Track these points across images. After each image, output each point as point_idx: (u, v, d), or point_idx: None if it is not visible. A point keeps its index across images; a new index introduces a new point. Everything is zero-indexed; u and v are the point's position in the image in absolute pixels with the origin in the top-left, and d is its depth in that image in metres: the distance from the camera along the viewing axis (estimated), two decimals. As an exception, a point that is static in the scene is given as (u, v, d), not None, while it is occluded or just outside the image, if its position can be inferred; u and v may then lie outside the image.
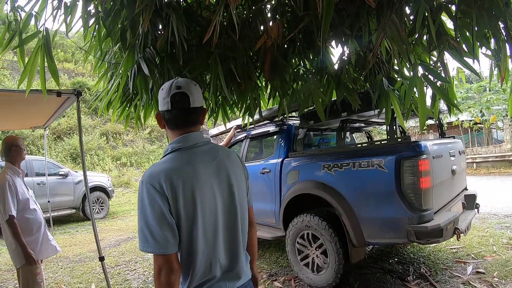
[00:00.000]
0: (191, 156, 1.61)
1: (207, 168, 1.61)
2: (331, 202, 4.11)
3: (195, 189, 1.51)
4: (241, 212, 1.70)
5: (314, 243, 4.45)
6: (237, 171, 1.75)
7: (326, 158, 4.42)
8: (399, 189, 3.52)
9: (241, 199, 1.72)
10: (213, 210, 1.57)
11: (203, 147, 1.68)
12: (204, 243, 1.54)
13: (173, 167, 1.53)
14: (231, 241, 1.65)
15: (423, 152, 3.50)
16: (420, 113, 2.27)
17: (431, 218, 3.50)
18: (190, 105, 1.64)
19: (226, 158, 1.72)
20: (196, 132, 1.69)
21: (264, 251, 6.39)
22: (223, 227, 1.62)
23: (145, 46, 2.90)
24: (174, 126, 1.69)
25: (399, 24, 2.20)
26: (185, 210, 1.49)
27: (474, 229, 6.58)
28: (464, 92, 22.91)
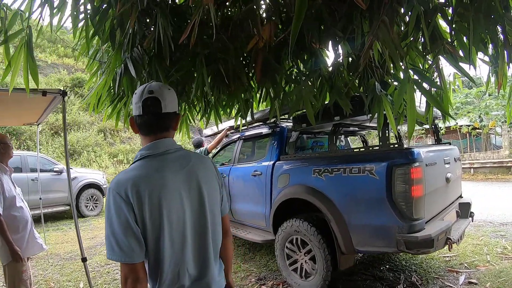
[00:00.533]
0: (160, 163, 1.58)
1: (177, 176, 1.57)
2: (320, 207, 4.02)
3: (162, 197, 1.48)
4: (212, 221, 1.66)
5: (303, 248, 4.36)
6: (209, 179, 1.71)
7: (317, 162, 4.33)
8: (390, 197, 3.42)
9: (213, 208, 1.68)
10: (181, 218, 1.54)
11: (174, 154, 1.64)
12: (171, 252, 1.51)
13: (140, 175, 1.50)
14: (200, 250, 1.61)
15: (415, 160, 3.40)
16: (409, 120, 2.17)
17: (422, 228, 3.40)
18: (162, 110, 1.61)
19: (198, 166, 1.68)
20: (167, 138, 1.66)
21: (254, 253, 6.30)
22: (192, 236, 1.58)
23: (133, 45, 2.86)
24: (146, 131, 1.65)
25: (389, 26, 2.10)
26: (151, 219, 1.46)
27: (469, 237, 6.47)
28: (463, 97, 22.86)
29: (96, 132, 21.30)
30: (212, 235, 1.66)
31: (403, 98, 2.25)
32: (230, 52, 3.03)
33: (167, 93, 1.65)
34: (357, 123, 4.66)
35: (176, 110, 1.71)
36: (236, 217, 6.23)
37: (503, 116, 20.72)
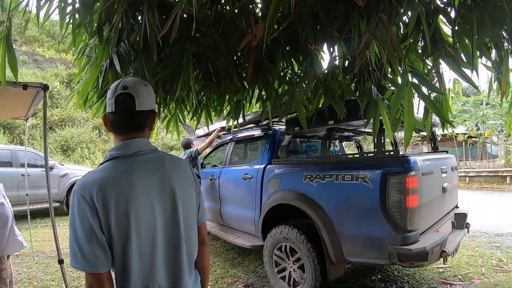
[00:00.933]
0: (130, 165, 1.47)
1: (148, 180, 1.47)
2: (311, 215, 3.85)
3: (130, 203, 1.39)
4: (186, 230, 1.56)
5: (291, 256, 4.20)
6: (184, 184, 1.61)
7: (309, 167, 4.17)
8: (383, 207, 3.25)
9: (187, 215, 1.58)
10: (151, 227, 1.44)
11: (147, 156, 1.54)
12: (139, 263, 1.41)
13: (107, 177, 1.40)
14: (173, 262, 1.51)
15: (411, 168, 3.24)
16: (406, 126, 2.01)
17: (416, 240, 3.24)
18: (135, 108, 1.51)
19: (172, 169, 1.58)
20: (140, 138, 1.56)
21: (243, 258, 6.13)
22: (163, 247, 1.48)
23: (120, 40, 2.77)
24: (118, 130, 1.55)
25: (388, 25, 1.94)
26: (118, 226, 1.36)
27: (463, 247, 6.32)
28: (461, 105, 22.84)
29: (91, 129, 21.18)
30: (186, 245, 1.55)
31: (400, 103, 2.09)
32: (221, 50, 2.92)
33: (143, 89, 1.55)
34: (352, 128, 4.51)
35: (152, 108, 1.61)
36: (225, 221, 6.09)
37: (499, 125, 20.71)
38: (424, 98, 2.06)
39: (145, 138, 1.59)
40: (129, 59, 2.85)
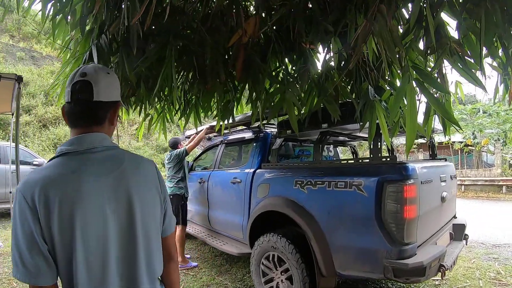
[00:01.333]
0: (80, 163, 1.28)
1: (100, 182, 1.27)
2: (300, 223, 3.61)
3: (76, 208, 1.20)
4: (145, 242, 1.35)
5: (279, 266, 3.95)
6: (146, 188, 1.40)
7: (300, 173, 3.94)
8: (378, 217, 3.01)
9: (148, 225, 1.37)
10: (101, 238, 1.24)
11: (102, 153, 1.34)
12: (87, 279, 1.22)
13: (52, 177, 1.22)
14: (129, 277, 1.31)
15: (410, 176, 3.00)
16: (408, 130, 1.78)
17: (413, 253, 3.00)
18: (92, 98, 1.34)
19: (132, 171, 1.37)
20: (96, 133, 1.37)
21: (231, 265, 5.90)
22: (117, 260, 1.28)
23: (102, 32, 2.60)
24: (72, 122, 1.37)
25: (388, 15, 1.72)
26: (61, 235, 1.18)
27: (460, 259, 6.09)
28: (459, 113, 22.74)
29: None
30: (146, 259, 1.35)
31: (400, 105, 1.86)
32: (207, 46, 2.73)
33: (104, 77, 1.38)
34: (347, 132, 4.27)
35: (114, 99, 1.44)
36: (213, 226, 5.89)
37: (496, 134, 20.61)
38: (429, 96, 1.82)
39: (102, 133, 1.40)
40: (110, 52, 2.68)
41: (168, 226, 1.54)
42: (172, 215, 1.58)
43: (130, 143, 21.92)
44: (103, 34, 2.62)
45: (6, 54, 22.85)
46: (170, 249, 1.56)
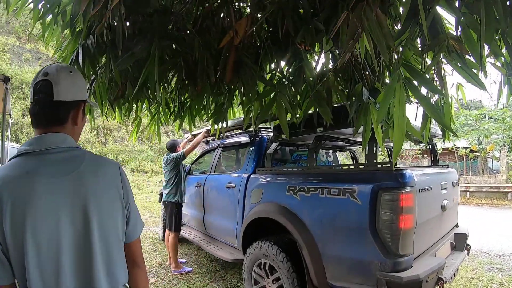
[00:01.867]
0: (36, 164, 1.26)
1: (54, 183, 1.25)
2: (292, 231, 3.45)
3: (28, 209, 1.18)
4: (104, 249, 1.32)
5: (271, 275, 3.79)
6: (105, 192, 1.36)
7: (293, 179, 3.79)
8: (373, 227, 2.84)
9: (106, 231, 1.33)
10: (54, 242, 1.21)
11: (60, 154, 1.32)
12: (41, 283, 1.19)
13: (6, 178, 1.21)
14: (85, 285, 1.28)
15: (406, 184, 2.82)
16: (396, 134, 1.62)
17: (409, 266, 2.82)
18: (53, 97, 1.34)
19: (90, 173, 1.33)
20: (57, 133, 1.35)
21: (226, 271, 5.77)
22: (72, 266, 1.25)
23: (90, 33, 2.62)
24: (34, 123, 1.37)
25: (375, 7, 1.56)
26: (13, 237, 1.17)
27: (462, 268, 5.89)
28: (463, 118, 22.51)
29: (89, 130, 21.10)
30: (105, 266, 1.32)
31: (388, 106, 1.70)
32: (195, 46, 2.67)
33: (66, 76, 1.38)
34: (344, 136, 4.12)
35: (77, 99, 1.43)
36: (208, 231, 5.79)
37: (502, 140, 20.35)
38: (420, 98, 1.66)
39: (64, 133, 1.37)
40: (98, 52, 2.69)
41: (132, 232, 1.48)
42: (137, 220, 1.52)
43: (134, 146, 21.93)
44: (90, 34, 2.61)
45: (13, 55, 22.89)
46: (134, 256, 1.50)
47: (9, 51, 22.96)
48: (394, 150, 1.65)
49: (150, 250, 7.09)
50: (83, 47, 2.56)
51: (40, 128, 1.35)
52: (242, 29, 2.37)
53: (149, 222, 10.33)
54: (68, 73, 1.39)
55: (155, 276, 5.52)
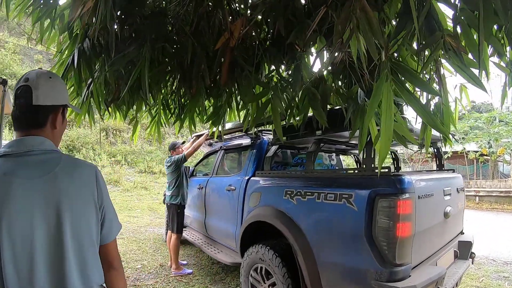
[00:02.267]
0: (14, 166, 1.32)
1: (30, 184, 1.30)
2: (288, 236, 3.38)
3: (4, 210, 1.23)
4: (76, 249, 1.35)
5: (267, 279, 3.72)
6: (78, 194, 1.40)
7: (290, 182, 3.72)
8: (369, 234, 2.74)
9: (79, 232, 1.36)
10: (27, 240, 1.26)
11: (38, 156, 1.37)
12: (16, 279, 1.24)
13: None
14: (57, 284, 1.30)
15: (404, 190, 2.72)
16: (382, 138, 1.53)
17: (406, 275, 2.72)
18: (31, 101, 1.40)
19: (64, 175, 1.37)
20: (35, 136, 1.41)
21: (226, 274, 5.71)
22: (45, 264, 1.28)
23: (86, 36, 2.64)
24: (15, 126, 1.44)
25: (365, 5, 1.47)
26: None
27: (467, 276, 5.75)
28: (473, 121, 22.17)
29: (99, 130, 21.30)
30: (79, 267, 1.35)
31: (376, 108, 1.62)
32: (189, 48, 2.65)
33: (45, 81, 1.44)
34: (344, 140, 4.01)
35: (56, 103, 1.48)
36: (209, 233, 5.76)
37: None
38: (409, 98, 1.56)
39: (43, 136, 1.42)
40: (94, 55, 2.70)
41: (107, 234, 1.51)
42: (113, 222, 1.55)
43: (143, 147, 22.05)
44: (87, 38, 2.63)
45: (24, 57, 23.21)
46: (109, 258, 1.52)
47: (20, 52, 23.33)
48: (380, 153, 1.57)
49: (153, 251, 7.07)
50: (79, 50, 2.60)
51: (20, 131, 1.41)
52: (237, 31, 2.34)
53: (154, 223, 10.33)
54: (47, 78, 1.45)
55: (155, 277, 5.49)
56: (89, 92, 3.04)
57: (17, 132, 1.42)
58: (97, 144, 20.22)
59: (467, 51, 1.63)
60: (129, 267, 6.00)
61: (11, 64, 21.30)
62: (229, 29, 2.33)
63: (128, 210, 12.80)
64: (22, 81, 1.42)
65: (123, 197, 15.44)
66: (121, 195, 15.84)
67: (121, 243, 7.59)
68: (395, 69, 1.56)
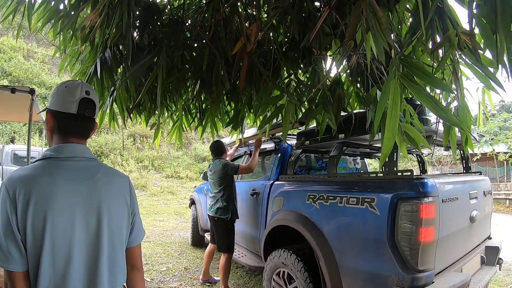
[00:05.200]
0: (58, 168, 1.42)
1: (72, 188, 1.40)
2: (310, 241, 3.36)
3: (49, 207, 1.33)
4: (109, 249, 1.46)
5: (289, 284, 3.70)
6: (115, 200, 1.53)
7: (313, 187, 3.70)
8: (391, 239, 2.69)
9: (114, 234, 1.49)
10: (67, 237, 1.36)
11: (80, 163, 1.48)
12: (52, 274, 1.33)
13: (32, 176, 1.36)
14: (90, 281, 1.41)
15: (428, 194, 2.66)
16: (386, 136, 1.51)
17: (429, 282, 2.66)
18: (93, 115, 1.57)
19: (104, 182, 1.50)
20: (79, 144, 1.53)
21: (250, 278, 5.72)
22: (80, 262, 1.39)
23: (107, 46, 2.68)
24: (64, 132, 1.51)
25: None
26: (33, 229, 1.31)
27: (495, 283, 5.57)
28: (501, 121, 21.48)
29: (126, 136, 21.94)
30: (109, 266, 1.46)
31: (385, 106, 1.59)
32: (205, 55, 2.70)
33: (96, 96, 1.60)
34: (367, 143, 3.96)
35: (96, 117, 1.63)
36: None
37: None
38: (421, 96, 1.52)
39: (84, 145, 1.55)
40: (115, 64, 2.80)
41: (135, 239, 1.64)
42: (140, 229, 1.68)
43: (170, 152, 22.33)
44: (107, 47, 2.68)
45: (52, 66, 24.07)
46: (135, 260, 1.64)
47: (49, 62, 24.25)
48: (382, 152, 1.56)
49: (178, 255, 7.13)
50: (100, 60, 2.67)
51: (67, 137, 1.50)
52: (253, 35, 2.36)
53: (180, 227, 10.43)
54: (96, 93, 1.60)
55: (179, 280, 5.53)
56: (112, 100, 3.10)
57: (61, 137, 1.50)
58: (125, 150, 20.61)
59: (484, 50, 1.59)
60: (154, 269, 6.07)
61: (40, 73, 21.94)
62: (246, 34, 2.35)
63: (155, 214, 12.95)
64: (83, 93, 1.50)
65: (150, 201, 15.65)
66: (148, 199, 16.11)
67: (147, 246, 7.69)
68: (405, 66, 1.53)
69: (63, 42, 2.92)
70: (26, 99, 4.50)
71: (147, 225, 10.33)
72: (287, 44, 2.81)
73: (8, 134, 17.82)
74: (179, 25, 2.69)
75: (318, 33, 2.15)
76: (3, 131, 17.67)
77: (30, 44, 24.75)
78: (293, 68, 2.92)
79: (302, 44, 2.18)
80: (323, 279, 3.22)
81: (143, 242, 7.92)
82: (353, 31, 1.53)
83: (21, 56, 23.04)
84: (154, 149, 22.13)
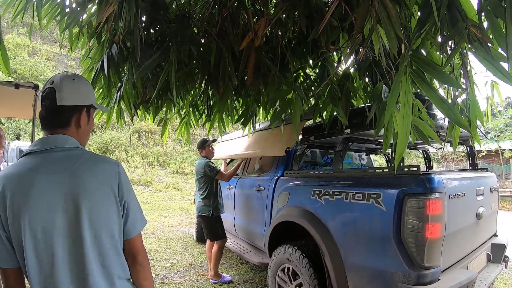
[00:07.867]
0: (38, 162, 1.41)
1: (52, 179, 1.38)
2: (315, 237, 3.33)
3: (25, 203, 1.32)
4: (94, 242, 1.40)
5: (294, 280, 3.68)
6: (98, 188, 1.45)
7: (318, 182, 3.67)
8: (397, 235, 2.67)
9: (96, 225, 1.41)
10: (48, 234, 1.34)
11: (61, 153, 1.45)
12: (38, 269, 1.34)
13: (13, 173, 1.38)
14: (79, 275, 1.38)
15: (434, 189, 2.63)
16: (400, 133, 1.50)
17: (435, 279, 2.63)
18: (56, 102, 1.50)
19: (85, 170, 1.43)
20: (59, 135, 1.50)
21: (255, 274, 5.72)
22: (65, 258, 1.36)
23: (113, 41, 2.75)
24: (42, 126, 1.54)
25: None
26: (13, 226, 1.33)
27: (500, 281, 5.54)
28: (507, 117, 21.37)
29: (132, 133, 21.97)
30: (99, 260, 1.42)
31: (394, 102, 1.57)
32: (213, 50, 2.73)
33: (69, 83, 1.53)
34: (373, 138, 3.93)
35: (80, 104, 1.57)
36: (238, 233, 5.81)
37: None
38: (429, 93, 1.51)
39: (67, 135, 1.51)
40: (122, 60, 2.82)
41: (131, 229, 1.55)
42: (137, 218, 1.58)
43: (175, 148, 22.39)
44: (114, 43, 2.73)
45: (57, 63, 24.15)
46: (133, 252, 1.57)
47: (54, 59, 24.27)
48: (397, 150, 1.54)
49: (183, 250, 7.16)
50: (107, 56, 2.69)
51: (46, 130, 1.50)
52: (261, 30, 2.34)
53: (185, 223, 10.45)
54: (71, 80, 1.54)
55: (184, 276, 5.54)
56: (119, 96, 3.10)
57: (44, 132, 1.51)
58: (130, 146, 20.63)
59: (494, 43, 1.57)
60: (159, 265, 6.09)
61: (45, 70, 22.02)
62: (253, 29, 2.33)
63: (160, 210, 12.99)
64: (47, 84, 1.52)
65: (155, 197, 15.69)
66: (153, 195, 16.15)
67: (152, 242, 7.72)
68: (415, 61, 1.52)
69: (69, 39, 2.92)
70: (30, 95, 4.49)
71: (152, 221, 10.36)
72: (295, 38, 2.79)
73: (14, 131, 17.94)
74: (186, 20, 2.67)
75: (326, 26, 2.13)
76: (9, 128, 17.77)
77: (35, 41, 24.81)
78: (301, 62, 2.91)
79: (310, 36, 2.16)
80: (328, 275, 3.19)
81: (148, 237, 8.01)
82: (362, 23, 1.51)
83: (25, 54, 23.07)
84: (159, 145, 22.17)
